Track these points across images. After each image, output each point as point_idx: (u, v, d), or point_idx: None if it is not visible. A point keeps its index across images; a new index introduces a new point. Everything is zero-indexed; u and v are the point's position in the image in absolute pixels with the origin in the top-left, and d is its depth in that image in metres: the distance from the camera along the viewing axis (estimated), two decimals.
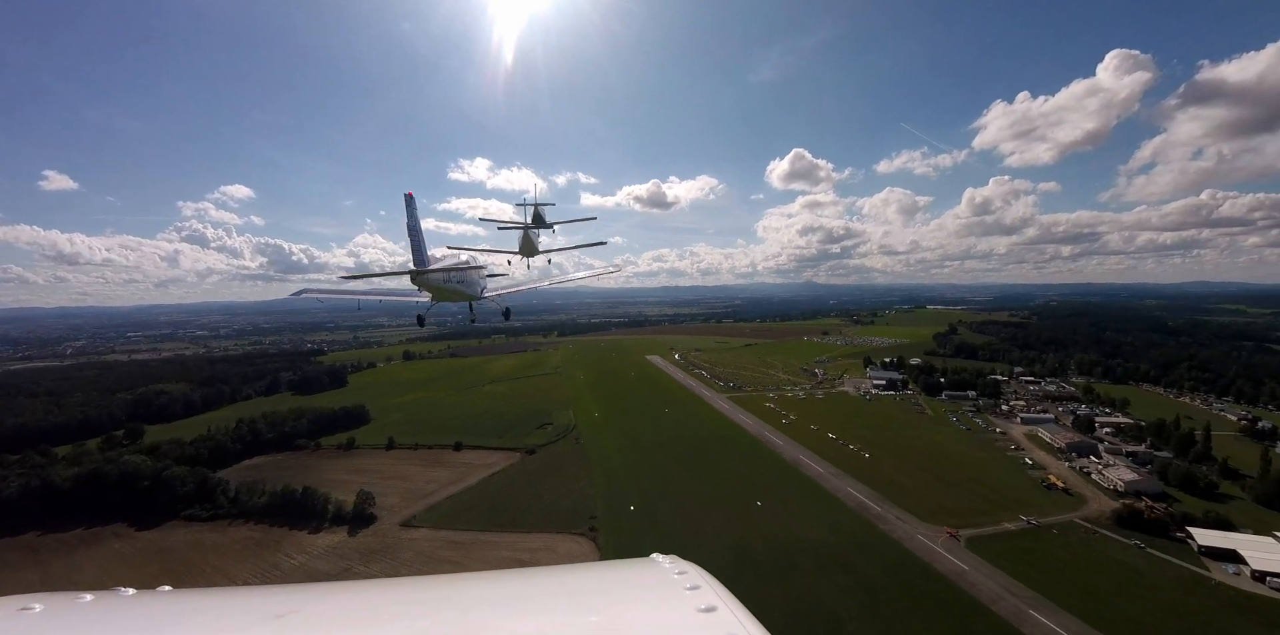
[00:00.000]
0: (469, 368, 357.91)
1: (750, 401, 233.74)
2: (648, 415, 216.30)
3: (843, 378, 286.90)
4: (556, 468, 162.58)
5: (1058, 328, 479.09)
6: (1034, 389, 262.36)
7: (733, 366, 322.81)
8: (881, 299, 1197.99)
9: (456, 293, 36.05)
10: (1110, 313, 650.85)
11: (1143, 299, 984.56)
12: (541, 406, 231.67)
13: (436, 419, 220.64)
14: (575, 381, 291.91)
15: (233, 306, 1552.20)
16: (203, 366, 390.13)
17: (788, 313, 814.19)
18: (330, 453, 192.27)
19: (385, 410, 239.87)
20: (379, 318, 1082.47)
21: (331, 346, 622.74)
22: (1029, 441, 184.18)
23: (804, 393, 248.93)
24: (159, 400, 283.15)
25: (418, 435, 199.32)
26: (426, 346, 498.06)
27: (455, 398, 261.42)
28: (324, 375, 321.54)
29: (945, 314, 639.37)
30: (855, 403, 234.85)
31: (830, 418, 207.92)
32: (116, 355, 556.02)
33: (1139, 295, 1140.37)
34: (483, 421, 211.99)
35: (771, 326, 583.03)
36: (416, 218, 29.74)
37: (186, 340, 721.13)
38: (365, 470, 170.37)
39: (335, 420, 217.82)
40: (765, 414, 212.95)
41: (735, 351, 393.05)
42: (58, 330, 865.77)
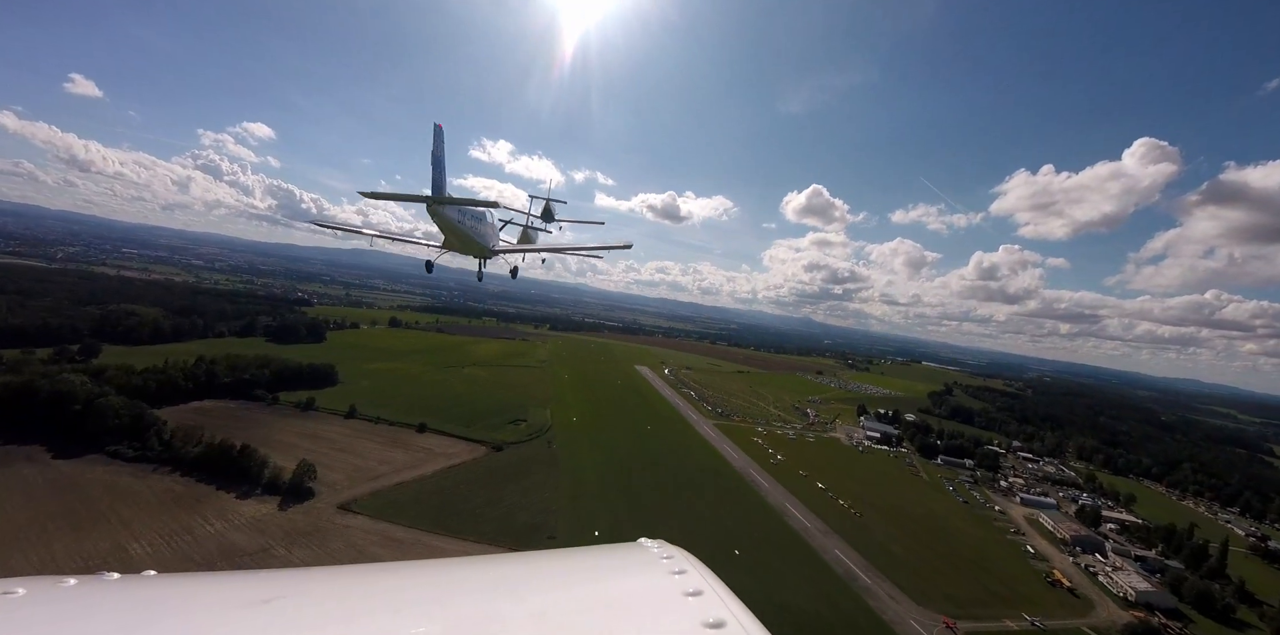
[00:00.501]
0: (452, 346, 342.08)
1: (737, 432, 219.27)
2: (629, 429, 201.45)
3: (835, 422, 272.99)
4: (522, 471, 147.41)
5: (1054, 405, 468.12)
6: (1032, 468, 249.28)
7: (723, 392, 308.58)
8: (875, 346, 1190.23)
9: (467, 238, 33.04)
10: (1105, 398, 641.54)
11: (1134, 388, 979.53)
12: (518, 401, 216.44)
13: (406, 394, 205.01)
14: (559, 379, 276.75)
15: (233, 242, 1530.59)
16: (184, 295, 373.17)
17: (782, 345, 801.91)
18: (286, 410, 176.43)
19: (355, 375, 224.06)
20: (375, 279, 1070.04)
21: (322, 299, 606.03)
22: (1029, 526, 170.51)
23: (794, 433, 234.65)
24: (127, 321, 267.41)
25: (382, 408, 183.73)
26: (415, 316, 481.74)
27: (431, 375, 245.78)
28: (303, 327, 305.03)
29: (940, 372, 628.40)
30: (847, 452, 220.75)
31: (820, 465, 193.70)
32: (106, 268, 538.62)
33: (1130, 383, 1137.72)
34: (454, 406, 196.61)
35: (766, 357, 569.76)
36: (442, 149, 28.08)
37: (180, 266, 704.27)
38: (317, 436, 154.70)
39: (300, 376, 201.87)
40: (752, 449, 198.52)
41: (727, 376, 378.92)
42: (55, 233, 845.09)
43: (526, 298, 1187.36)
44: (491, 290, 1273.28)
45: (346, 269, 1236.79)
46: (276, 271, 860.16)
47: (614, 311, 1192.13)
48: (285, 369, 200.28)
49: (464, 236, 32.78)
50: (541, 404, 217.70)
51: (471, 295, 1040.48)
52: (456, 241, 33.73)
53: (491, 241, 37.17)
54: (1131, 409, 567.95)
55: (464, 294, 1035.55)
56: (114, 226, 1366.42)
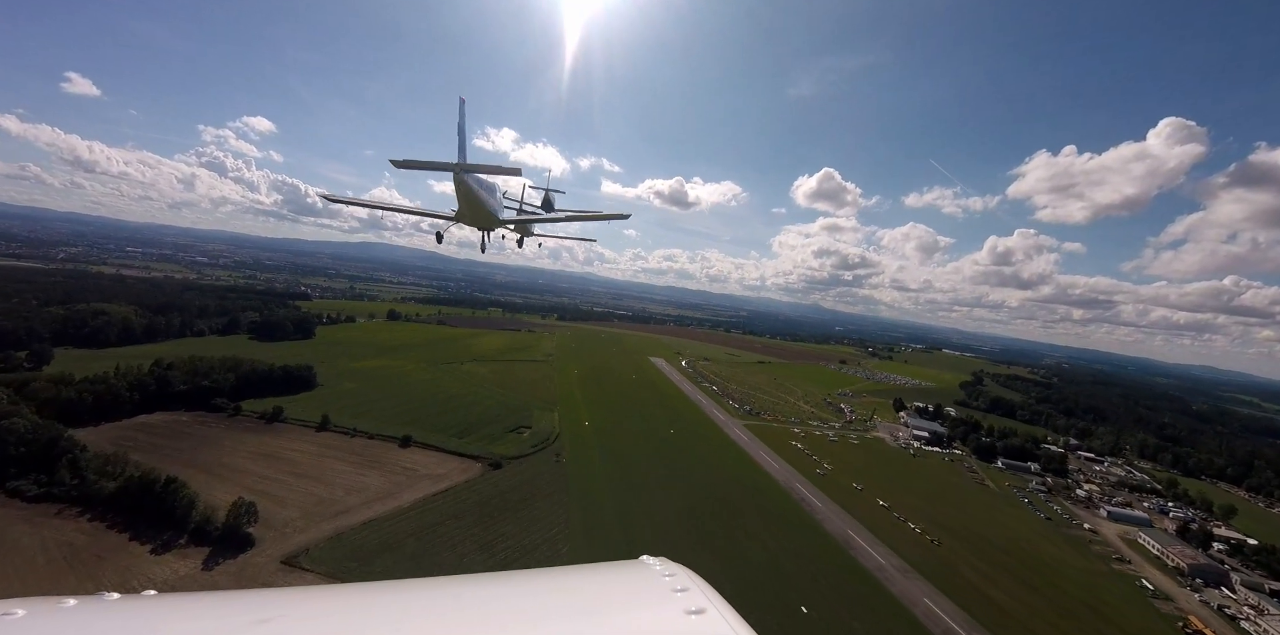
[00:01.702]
0: (452, 339, 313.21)
1: (771, 435, 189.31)
2: (649, 435, 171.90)
3: (874, 419, 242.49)
4: (524, 497, 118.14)
5: (1091, 395, 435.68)
6: (1099, 470, 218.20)
7: (747, 386, 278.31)
8: (886, 333, 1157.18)
9: (479, 206, 33.67)
10: (1134, 386, 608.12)
11: (1151, 375, 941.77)
12: (521, 402, 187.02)
13: (393, 398, 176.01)
14: (567, 376, 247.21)
15: (240, 238, 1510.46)
16: (170, 292, 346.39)
17: (797, 333, 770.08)
18: (248, 422, 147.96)
19: (338, 376, 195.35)
20: (382, 272, 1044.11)
21: (325, 293, 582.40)
22: (1130, 549, 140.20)
23: (834, 433, 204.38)
24: (95, 321, 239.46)
25: (362, 416, 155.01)
26: (417, 308, 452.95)
27: (425, 374, 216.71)
28: (289, 323, 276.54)
29: (963, 361, 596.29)
30: (898, 456, 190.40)
31: (873, 474, 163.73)
32: (106, 267, 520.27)
33: (1146, 370, 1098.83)
34: (447, 411, 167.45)
35: (784, 346, 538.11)
36: (465, 120, 29.16)
37: (183, 264, 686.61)
38: (277, 457, 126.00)
39: (272, 380, 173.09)
40: (793, 456, 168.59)
41: (747, 368, 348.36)
42: (61, 234, 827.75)
43: (534, 287, 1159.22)
44: (498, 281, 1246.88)
45: (353, 262, 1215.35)
46: (281, 266, 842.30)
47: (622, 300, 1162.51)
48: (254, 373, 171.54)
49: (476, 205, 33.59)
50: (548, 405, 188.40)
51: (478, 286, 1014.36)
52: (468, 210, 34.49)
53: (499, 212, 37.18)
54: (1163, 398, 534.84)
55: (471, 285, 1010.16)
56: (121, 226, 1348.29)
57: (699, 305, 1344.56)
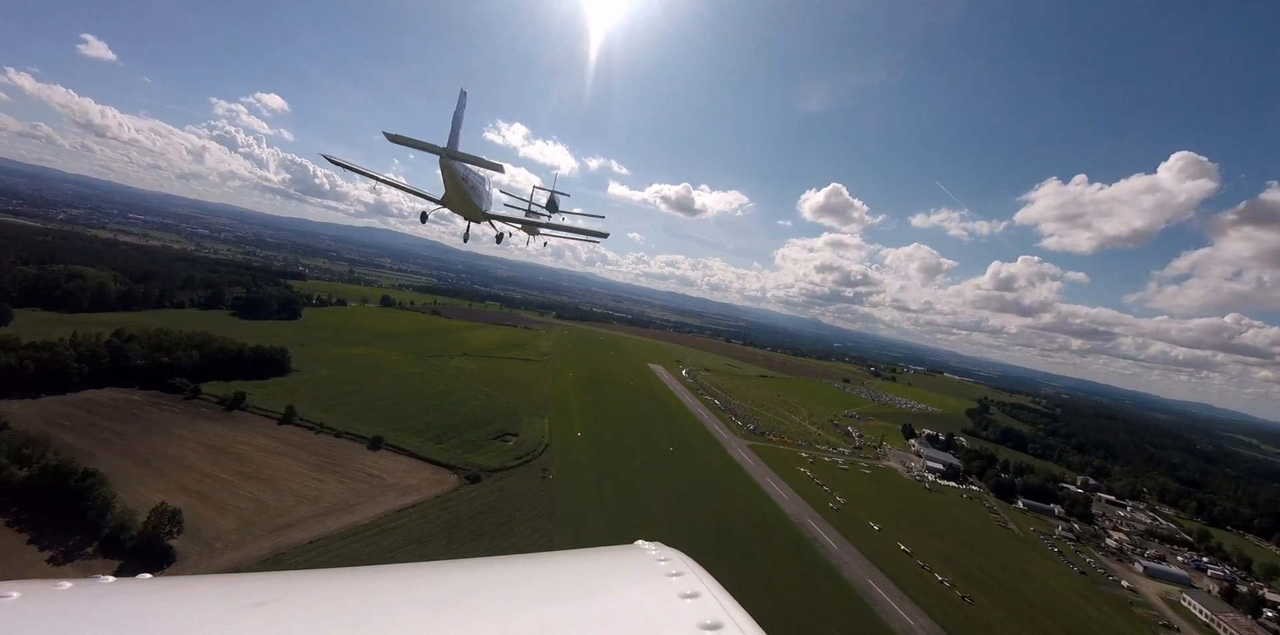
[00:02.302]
0: (443, 331, 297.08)
1: (778, 458, 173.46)
2: (647, 451, 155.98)
3: (883, 446, 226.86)
4: (502, 520, 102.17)
5: (1100, 430, 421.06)
6: (1123, 515, 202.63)
7: (750, 401, 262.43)
8: (885, 352, 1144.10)
9: (465, 195, 34.15)
10: (1136, 421, 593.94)
11: (1148, 410, 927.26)
12: (510, 405, 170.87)
13: (371, 391, 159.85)
14: (561, 378, 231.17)
15: (246, 214, 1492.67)
16: (160, 261, 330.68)
17: (796, 346, 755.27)
18: (205, 408, 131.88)
19: (315, 362, 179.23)
20: (383, 258, 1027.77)
21: (323, 274, 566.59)
22: (1173, 611, 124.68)
23: (844, 460, 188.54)
24: (68, 285, 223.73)
25: (334, 410, 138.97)
26: (412, 296, 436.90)
27: (410, 366, 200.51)
28: (275, 301, 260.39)
29: (966, 386, 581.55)
30: (913, 490, 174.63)
31: (889, 511, 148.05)
32: (104, 231, 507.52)
33: (1142, 404, 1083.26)
34: (428, 410, 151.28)
35: (785, 360, 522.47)
36: (462, 111, 29.90)
37: (183, 234, 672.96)
38: (226, 451, 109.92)
39: (241, 362, 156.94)
40: (804, 486, 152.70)
41: (750, 381, 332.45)
42: (66, 195, 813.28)
43: (535, 284, 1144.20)
44: (500, 274, 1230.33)
45: (355, 246, 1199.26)
46: (283, 244, 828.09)
47: (622, 302, 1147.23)
48: (222, 352, 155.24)
49: (463, 194, 33.93)
50: (538, 410, 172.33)
51: (479, 279, 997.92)
52: (455, 197, 34.53)
53: (484, 205, 37.56)
54: (1167, 436, 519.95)
55: (472, 277, 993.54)
56: (128, 192, 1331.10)
57: (698, 312, 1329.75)
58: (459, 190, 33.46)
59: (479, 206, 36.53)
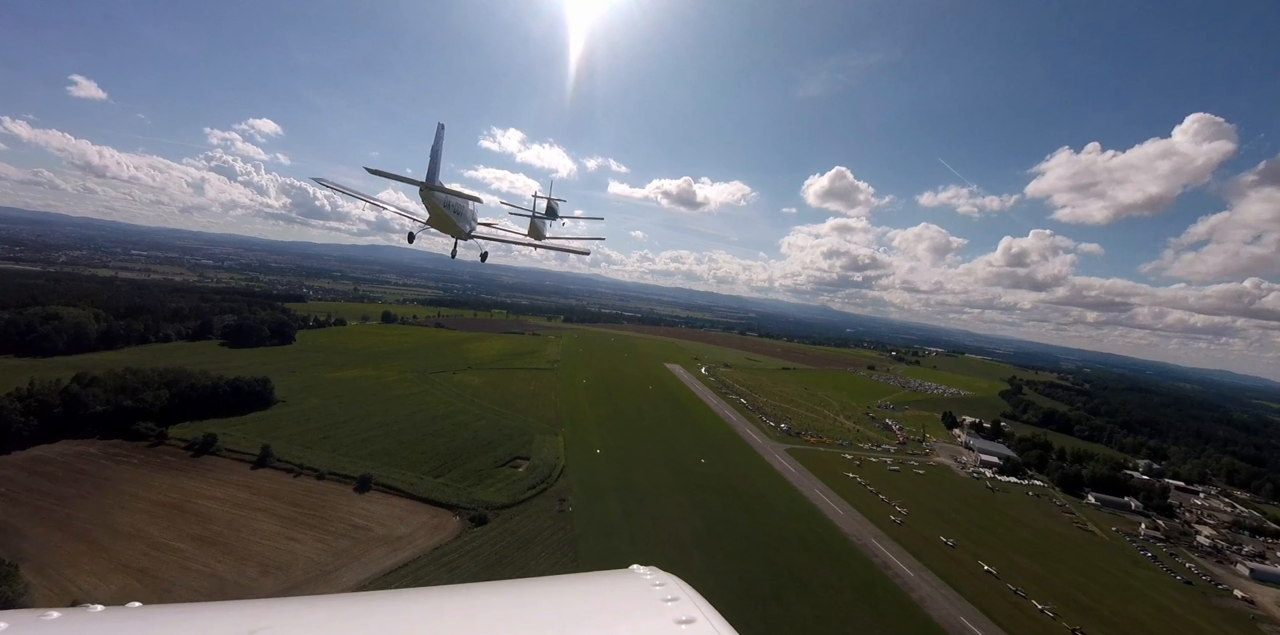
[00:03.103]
0: (447, 344, 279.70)
1: (821, 463, 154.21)
2: (676, 465, 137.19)
3: (928, 439, 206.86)
4: (515, 572, 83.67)
5: (1140, 406, 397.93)
6: (1199, 504, 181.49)
7: (777, 397, 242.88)
8: (898, 335, 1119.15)
9: (447, 220, 35.90)
10: (1167, 393, 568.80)
11: (1170, 380, 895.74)
12: (519, 424, 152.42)
13: (363, 419, 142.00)
14: (573, 387, 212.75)
15: (250, 241, 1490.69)
16: (152, 295, 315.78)
17: (810, 335, 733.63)
18: (170, 454, 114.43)
19: (305, 390, 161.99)
20: (388, 274, 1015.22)
21: (327, 295, 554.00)
22: None
23: (892, 459, 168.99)
24: (43, 327, 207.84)
25: (319, 445, 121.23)
26: (415, 310, 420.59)
27: (408, 386, 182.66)
28: (266, 327, 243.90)
29: (991, 366, 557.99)
30: (974, 491, 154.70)
31: (957, 520, 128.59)
32: (105, 270, 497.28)
33: (1164, 374, 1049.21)
34: (427, 437, 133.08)
35: (804, 349, 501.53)
36: (440, 144, 30.84)
37: (187, 266, 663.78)
38: (186, 509, 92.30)
39: (217, 398, 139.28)
40: (856, 495, 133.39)
41: (772, 375, 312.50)
42: (70, 238, 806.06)
43: (540, 289, 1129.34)
44: (506, 282, 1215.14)
45: (360, 264, 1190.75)
46: (287, 268, 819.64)
47: (630, 302, 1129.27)
48: (193, 390, 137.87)
49: (445, 218, 35.59)
50: (550, 426, 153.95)
51: (485, 288, 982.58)
52: (438, 221, 36.28)
53: (467, 226, 38.84)
54: (1201, 406, 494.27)
55: (477, 286, 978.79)
56: (133, 230, 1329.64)
57: (706, 307, 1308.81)
58: (441, 215, 35.03)
59: (462, 228, 37.92)
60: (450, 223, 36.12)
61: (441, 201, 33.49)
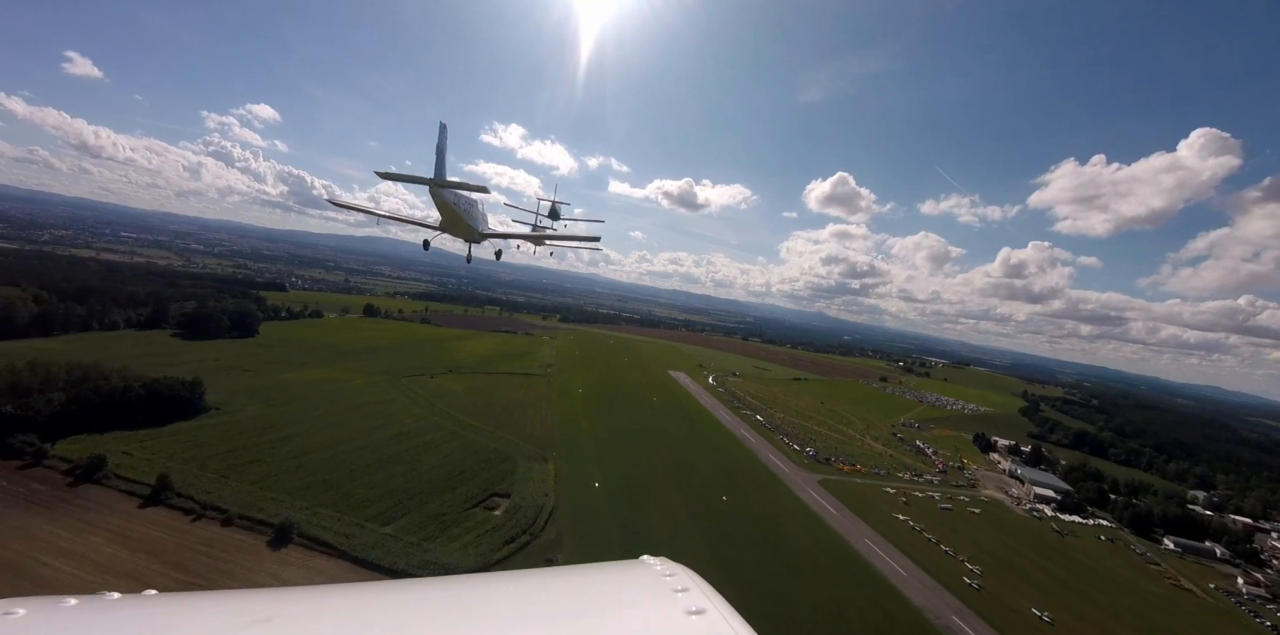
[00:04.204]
0: (430, 342, 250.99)
1: (862, 499, 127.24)
2: (694, 503, 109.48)
3: (966, 465, 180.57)
4: None
5: (1161, 424, 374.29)
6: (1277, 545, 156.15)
7: (795, 413, 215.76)
8: (893, 343, 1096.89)
9: (459, 219, 35.84)
10: (1171, 409, 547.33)
11: (1164, 395, 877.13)
12: (501, 447, 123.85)
13: (308, 435, 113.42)
14: (569, 397, 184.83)
15: (245, 228, 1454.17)
16: (105, 275, 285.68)
17: (811, 341, 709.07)
18: (45, 480, 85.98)
19: (248, 396, 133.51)
20: (383, 265, 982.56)
21: (316, 285, 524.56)
22: None
23: (939, 494, 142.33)
24: None
25: (240, 472, 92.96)
26: (399, 303, 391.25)
27: (375, 391, 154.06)
28: (226, 317, 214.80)
29: (999, 379, 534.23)
30: (1041, 536, 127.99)
31: (1039, 578, 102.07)
32: (88, 251, 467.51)
33: (1157, 389, 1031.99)
34: (383, 463, 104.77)
35: (811, 358, 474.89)
36: (444, 142, 30.84)
37: (174, 250, 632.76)
38: (23, 572, 64.32)
39: (127, 405, 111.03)
40: (913, 545, 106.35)
41: (785, 387, 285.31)
42: (59, 218, 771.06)
43: (538, 286, 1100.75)
44: (503, 278, 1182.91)
45: (355, 255, 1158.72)
46: (279, 256, 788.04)
47: (627, 302, 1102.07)
48: (98, 393, 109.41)
49: (456, 218, 35.27)
50: (539, 449, 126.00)
51: (482, 283, 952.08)
52: (450, 222, 36.26)
53: (480, 225, 38.77)
54: (1208, 424, 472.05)
55: (474, 282, 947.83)
56: (128, 213, 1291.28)
57: (703, 309, 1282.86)
58: (452, 215, 35.09)
59: (474, 228, 37.71)
60: (462, 223, 36.20)
61: (451, 199, 33.54)
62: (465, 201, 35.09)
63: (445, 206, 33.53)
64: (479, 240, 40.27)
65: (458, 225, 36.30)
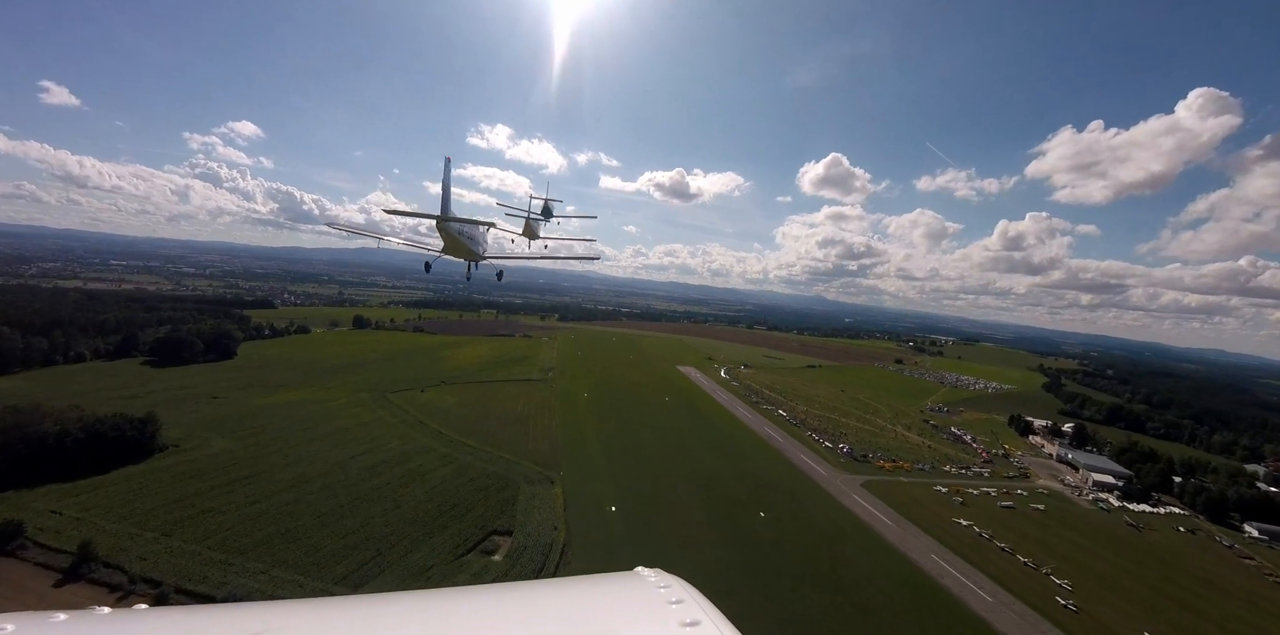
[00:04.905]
0: (422, 351, 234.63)
1: (914, 503, 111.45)
2: (725, 524, 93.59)
3: (1010, 451, 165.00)
4: None
5: (1186, 391, 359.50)
6: None
7: (817, 405, 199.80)
8: (895, 323, 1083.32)
9: (463, 246, 36.72)
10: (1183, 375, 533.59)
11: (1168, 360, 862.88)
12: (500, 470, 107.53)
13: (269, 477, 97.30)
14: (573, 403, 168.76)
15: (237, 248, 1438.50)
16: (75, 305, 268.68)
17: (812, 325, 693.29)
18: None
19: (215, 426, 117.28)
20: (378, 276, 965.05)
21: (306, 299, 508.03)
22: None
23: (994, 489, 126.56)
24: None
25: (184, 528, 76.60)
26: (392, 312, 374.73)
27: (357, 413, 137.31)
28: (200, 340, 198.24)
29: (1011, 354, 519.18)
30: (1115, 532, 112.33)
31: (1131, 587, 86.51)
32: (76, 281, 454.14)
33: (1160, 355, 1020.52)
34: (358, 503, 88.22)
35: (821, 344, 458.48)
36: (449, 178, 31.96)
37: (165, 275, 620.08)
38: None
39: (62, 453, 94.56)
40: (986, 558, 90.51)
41: (800, 375, 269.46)
42: (48, 251, 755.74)
43: (534, 287, 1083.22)
44: (499, 282, 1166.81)
45: (350, 268, 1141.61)
46: (273, 274, 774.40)
47: (625, 297, 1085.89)
48: (26, 441, 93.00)
49: (460, 246, 36.39)
50: (544, 469, 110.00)
51: (478, 288, 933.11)
52: (453, 248, 37.08)
53: (481, 249, 39.88)
54: (1233, 390, 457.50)
55: (470, 287, 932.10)
56: (119, 241, 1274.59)
57: (701, 300, 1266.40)
58: (457, 243, 35.70)
59: (476, 252, 38.64)
60: (465, 249, 37.03)
61: (455, 230, 33.95)
62: (469, 228, 35.74)
63: (450, 237, 34.34)
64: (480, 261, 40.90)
65: (460, 250, 37.15)
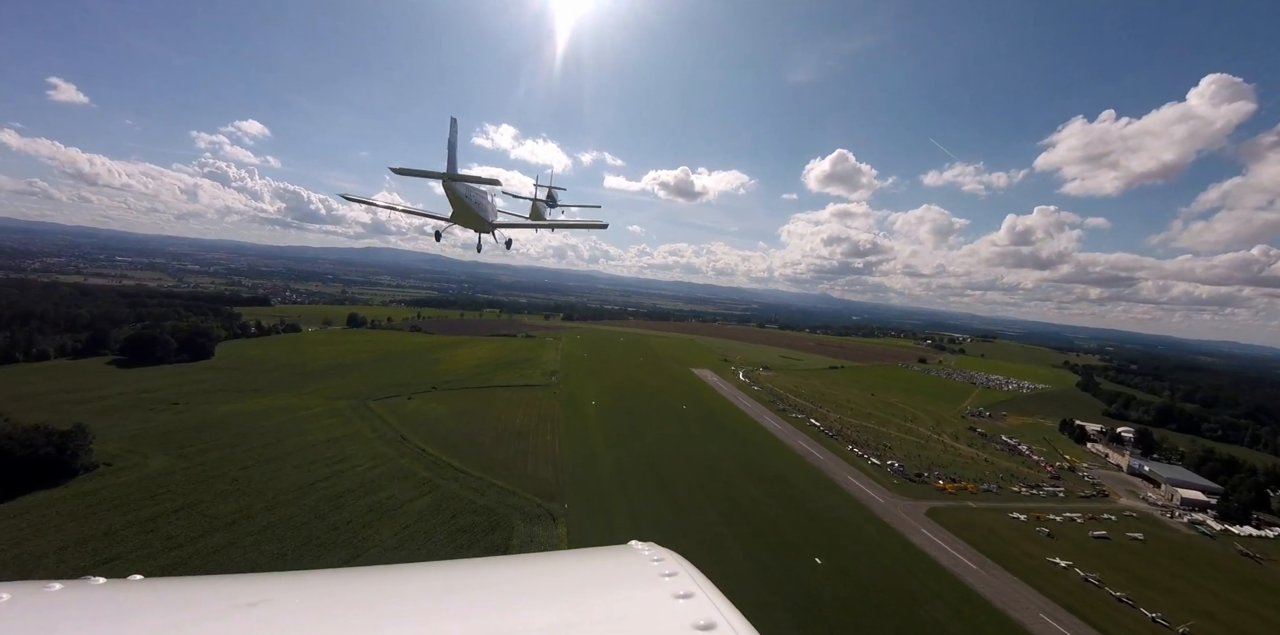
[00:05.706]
0: (416, 353, 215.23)
1: (993, 538, 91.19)
2: (772, 571, 74.01)
3: (1072, 463, 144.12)
4: None
5: (1231, 388, 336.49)
6: None
7: (850, 411, 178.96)
8: (902, 321, 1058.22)
9: (470, 211, 35.64)
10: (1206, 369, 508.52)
11: (1184, 353, 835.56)
12: (491, 502, 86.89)
13: (204, 508, 77.85)
14: (579, 413, 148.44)
15: (245, 247, 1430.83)
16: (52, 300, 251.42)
17: (822, 324, 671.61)
18: None
19: (162, 440, 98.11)
20: (382, 275, 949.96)
21: (310, 298, 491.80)
22: None
23: (1077, 514, 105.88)
24: None
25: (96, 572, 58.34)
26: (389, 311, 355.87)
27: (330, 426, 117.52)
28: (173, 340, 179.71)
29: (1033, 351, 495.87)
30: (1229, 563, 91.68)
31: None
32: (77, 277, 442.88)
33: (1172, 348, 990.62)
34: (307, 551, 68.25)
35: (839, 343, 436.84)
36: (455, 137, 30.93)
37: (169, 272, 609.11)
38: None
39: None
40: (1107, 616, 69.99)
41: (824, 378, 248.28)
42: (56, 247, 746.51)
43: (539, 287, 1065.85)
44: (504, 281, 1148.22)
45: (355, 267, 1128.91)
46: (278, 272, 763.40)
47: (631, 296, 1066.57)
48: None
49: (468, 210, 35.18)
50: (546, 500, 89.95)
51: (482, 287, 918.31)
52: (461, 214, 35.93)
53: (490, 216, 39.09)
54: (1267, 383, 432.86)
55: (475, 286, 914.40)
56: (128, 238, 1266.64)
57: (707, 299, 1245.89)
58: (464, 207, 34.95)
59: (485, 218, 37.86)
60: (473, 215, 36.48)
61: (463, 192, 33.50)
62: (476, 193, 35.35)
63: (457, 199, 33.81)
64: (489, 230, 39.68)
65: (469, 216, 36.38)
